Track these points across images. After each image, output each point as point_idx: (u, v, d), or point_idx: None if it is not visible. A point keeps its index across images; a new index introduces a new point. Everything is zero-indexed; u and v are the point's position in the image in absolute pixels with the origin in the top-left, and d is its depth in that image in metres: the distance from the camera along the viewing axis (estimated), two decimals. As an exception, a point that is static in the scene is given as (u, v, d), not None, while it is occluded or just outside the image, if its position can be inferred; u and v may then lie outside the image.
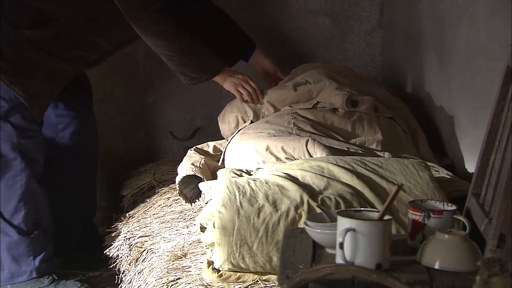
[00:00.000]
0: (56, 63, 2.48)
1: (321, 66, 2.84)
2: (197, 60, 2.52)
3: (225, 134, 2.69)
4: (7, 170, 2.51)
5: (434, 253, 1.37)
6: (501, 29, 2.00)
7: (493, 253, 1.29)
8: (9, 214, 2.53)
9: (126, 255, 2.35)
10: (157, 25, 2.39)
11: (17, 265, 2.55)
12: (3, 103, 2.47)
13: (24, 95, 2.44)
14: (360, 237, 1.33)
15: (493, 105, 1.58)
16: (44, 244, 2.59)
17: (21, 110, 2.48)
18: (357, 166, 1.96)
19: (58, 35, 2.45)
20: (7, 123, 2.48)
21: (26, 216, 2.53)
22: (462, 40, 2.45)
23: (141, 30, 2.42)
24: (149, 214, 2.52)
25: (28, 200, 2.54)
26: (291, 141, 2.24)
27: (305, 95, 2.59)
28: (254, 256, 1.72)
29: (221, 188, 1.86)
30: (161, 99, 3.42)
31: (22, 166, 2.50)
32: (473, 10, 2.30)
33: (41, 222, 2.59)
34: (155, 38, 2.44)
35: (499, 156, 1.46)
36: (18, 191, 2.51)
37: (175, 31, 2.42)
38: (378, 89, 2.76)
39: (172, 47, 2.46)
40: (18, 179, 2.51)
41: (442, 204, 1.55)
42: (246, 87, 2.59)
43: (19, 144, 2.50)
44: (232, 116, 2.63)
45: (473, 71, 2.33)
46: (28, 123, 2.51)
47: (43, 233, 2.59)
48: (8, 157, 2.50)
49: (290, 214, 1.76)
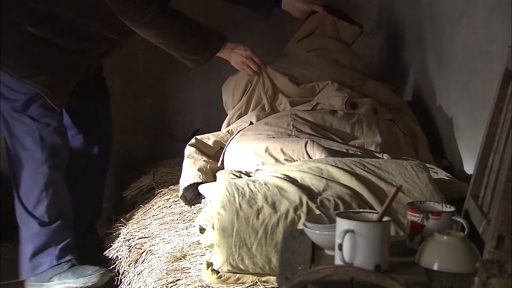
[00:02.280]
0: (66, 55, 2.49)
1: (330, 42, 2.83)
2: (193, 42, 2.52)
3: (227, 105, 2.73)
4: (29, 162, 2.52)
5: (432, 255, 1.38)
6: (499, 31, 2.01)
7: (491, 255, 1.29)
8: (32, 205, 2.54)
9: (126, 257, 2.35)
10: (143, 16, 2.39)
11: (38, 256, 2.56)
12: (19, 96, 2.48)
13: (39, 85, 2.45)
14: (359, 239, 1.33)
15: (491, 107, 1.58)
16: (65, 234, 2.59)
17: (38, 99, 2.48)
18: (356, 168, 1.96)
19: (62, 31, 2.46)
20: (26, 117, 2.50)
21: (49, 207, 2.54)
22: (460, 42, 2.45)
23: (129, 23, 2.43)
24: (148, 216, 2.52)
25: (51, 191, 2.54)
26: (290, 143, 2.24)
27: (309, 91, 2.63)
28: (253, 258, 1.72)
29: (220, 189, 1.86)
30: (160, 100, 3.42)
31: (44, 158, 2.51)
32: (471, 12, 2.30)
33: (63, 213, 2.59)
34: (144, 29, 2.46)
35: (497, 157, 1.46)
36: (40, 182, 2.52)
37: (162, 19, 2.43)
38: (380, 88, 2.75)
39: (163, 34, 2.48)
40: (40, 170, 2.52)
41: (441, 205, 1.55)
42: (251, 65, 2.62)
43: (41, 137, 2.50)
44: (239, 91, 2.67)
45: (471, 72, 2.33)
46: (47, 111, 2.51)
47: (65, 224, 2.60)
48: (30, 150, 2.52)
49: (289, 216, 1.76)
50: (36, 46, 2.45)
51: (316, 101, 2.56)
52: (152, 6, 2.38)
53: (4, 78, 2.47)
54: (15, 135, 2.54)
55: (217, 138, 2.54)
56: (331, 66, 2.74)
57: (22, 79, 2.45)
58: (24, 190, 2.55)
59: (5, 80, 2.47)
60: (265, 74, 2.66)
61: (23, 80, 2.45)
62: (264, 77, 2.66)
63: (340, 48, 2.84)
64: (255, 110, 2.63)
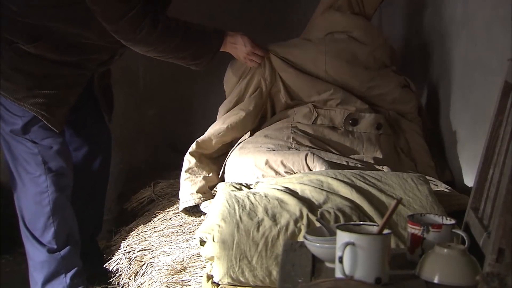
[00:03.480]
0: (64, 69, 2.43)
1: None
2: (191, 49, 2.45)
3: (227, 88, 2.69)
4: (34, 187, 2.47)
5: (433, 267, 1.37)
6: (498, 44, 2.01)
7: (492, 268, 1.29)
8: (39, 232, 2.49)
9: (126, 269, 2.34)
10: (136, 34, 2.33)
11: (50, 284, 2.51)
12: (17, 120, 2.42)
13: (35, 108, 2.39)
14: (359, 251, 1.33)
15: (491, 119, 1.58)
16: (75, 259, 2.55)
17: (37, 121, 2.42)
18: (356, 180, 1.96)
19: (57, 45, 2.39)
20: (27, 140, 2.44)
21: (56, 232, 2.49)
22: (460, 55, 2.46)
23: (124, 41, 2.38)
24: (148, 228, 2.52)
25: (57, 217, 2.49)
26: (290, 155, 2.24)
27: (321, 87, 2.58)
28: (254, 270, 1.72)
29: (221, 202, 1.86)
30: (161, 111, 3.43)
31: (48, 183, 2.46)
32: (471, 24, 2.31)
33: (71, 236, 2.55)
34: (139, 46, 2.40)
35: (497, 170, 1.46)
36: (46, 208, 2.47)
37: (156, 35, 2.35)
38: (390, 90, 2.62)
39: (159, 49, 2.42)
40: (45, 196, 2.47)
41: (441, 218, 1.55)
42: (254, 58, 2.54)
43: (44, 160, 2.45)
44: (237, 74, 2.62)
45: (471, 85, 2.34)
46: (48, 132, 2.45)
47: (73, 248, 2.55)
48: (34, 174, 2.46)
49: (290, 228, 1.76)
50: (31, 66, 2.38)
51: (316, 114, 2.54)
52: (144, 24, 2.31)
53: (2, 100, 2.41)
54: (17, 158, 2.48)
55: (218, 138, 2.51)
56: (343, 66, 2.61)
57: (18, 102, 2.39)
58: (29, 216, 2.50)
59: (3, 102, 2.41)
60: (267, 62, 2.58)
61: (19, 102, 2.39)
62: (264, 64, 2.58)
63: (362, 38, 2.65)
64: (253, 97, 2.58)
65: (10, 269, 3.18)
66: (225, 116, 2.59)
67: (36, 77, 2.40)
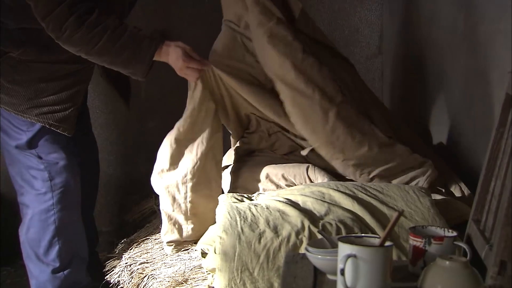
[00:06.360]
0: (61, 68, 2.36)
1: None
2: (118, 56, 2.22)
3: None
4: (39, 204, 2.42)
5: (435, 280, 1.37)
6: (499, 56, 2.02)
7: (494, 280, 1.29)
8: (42, 250, 2.45)
9: (127, 281, 2.34)
10: (62, 32, 2.17)
11: None
12: (22, 135, 2.38)
13: (41, 119, 2.35)
14: (361, 263, 1.33)
15: (492, 132, 1.59)
16: (80, 276, 2.52)
17: (42, 135, 2.38)
18: (358, 192, 1.96)
19: (47, 45, 2.30)
20: (33, 156, 2.39)
21: (61, 251, 2.45)
22: (460, 67, 2.46)
23: (55, 40, 2.22)
24: (150, 239, 2.52)
25: (63, 235, 2.45)
26: (291, 168, 2.24)
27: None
28: (255, 282, 1.72)
29: (222, 213, 1.86)
30: (162, 123, 3.43)
31: (55, 200, 2.41)
32: (472, 37, 2.32)
33: (77, 254, 2.50)
34: (67, 45, 2.22)
35: (499, 182, 1.46)
36: (51, 226, 2.43)
37: (79, 35, 2.17)
38: (406, 157, 2.25)
39: (84, 50, 2.22)
40: (51, 214, 2.42)
41: (443, 230, 1.55)
42: (188, 72, 2.29)
43: (50, 177, 2.41)
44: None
45: (472, 97, 2.34)
46: (55, 146, 2.40)
47: (80, 265, 2.51)
48: (40, 191, 2.42)
49: (291, 240, 1.76)
50: (26, 74, 2.33)
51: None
52: (68, 23, 2.17)
53: (5, 114, 2.37)
54: (22, 173, 2.43)
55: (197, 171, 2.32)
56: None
57: (22, 115, 2.34)
58: (32, 233, 2.45)
59: (7, 116, 2.37)
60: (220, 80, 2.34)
61: (23, 115, 2.34)
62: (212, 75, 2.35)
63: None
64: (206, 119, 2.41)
65: (11, 280, 3.17)
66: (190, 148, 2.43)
67: (34, 85, 2.35)
